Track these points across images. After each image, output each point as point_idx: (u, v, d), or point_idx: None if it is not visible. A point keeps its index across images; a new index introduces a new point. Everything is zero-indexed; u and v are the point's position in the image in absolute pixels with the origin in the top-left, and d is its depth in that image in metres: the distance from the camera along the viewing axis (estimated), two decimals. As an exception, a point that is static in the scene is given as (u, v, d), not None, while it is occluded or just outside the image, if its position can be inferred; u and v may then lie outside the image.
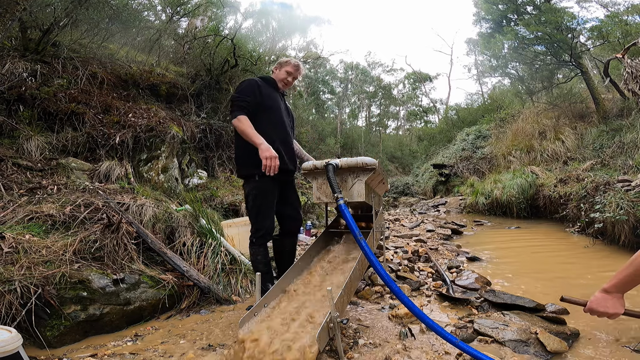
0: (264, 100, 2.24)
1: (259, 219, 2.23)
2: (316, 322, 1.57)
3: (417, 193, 13.67)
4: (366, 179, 1.90)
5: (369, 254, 1.59)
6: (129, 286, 2.21)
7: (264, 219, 2.21)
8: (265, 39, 11.17)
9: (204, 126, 5.68)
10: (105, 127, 3.99)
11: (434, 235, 4.85)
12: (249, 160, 2.20)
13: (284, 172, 2.22)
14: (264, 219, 2.21)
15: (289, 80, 2.43)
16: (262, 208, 2.21)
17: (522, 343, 1.63)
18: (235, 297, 2.54)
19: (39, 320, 1.82)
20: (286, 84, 2.43)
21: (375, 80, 27.12)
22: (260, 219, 2.23)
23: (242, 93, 2.22)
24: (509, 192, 6.58)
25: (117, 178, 3.55)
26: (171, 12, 7.40)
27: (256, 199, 2.20)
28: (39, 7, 4.16)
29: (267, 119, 2.22)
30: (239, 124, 2.11)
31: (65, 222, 2.50)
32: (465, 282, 2.53)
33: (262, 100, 2.23)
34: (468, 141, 12.00)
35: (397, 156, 22.23)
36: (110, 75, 4.90)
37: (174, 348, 1.80)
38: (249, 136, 2.08)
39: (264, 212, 2.21)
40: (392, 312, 2.05)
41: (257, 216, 2.23)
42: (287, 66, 2.43)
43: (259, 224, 2.22)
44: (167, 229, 2.96)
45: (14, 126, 3.51)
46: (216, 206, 4.26)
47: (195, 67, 6.70)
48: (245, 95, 2.20)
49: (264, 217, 2.21)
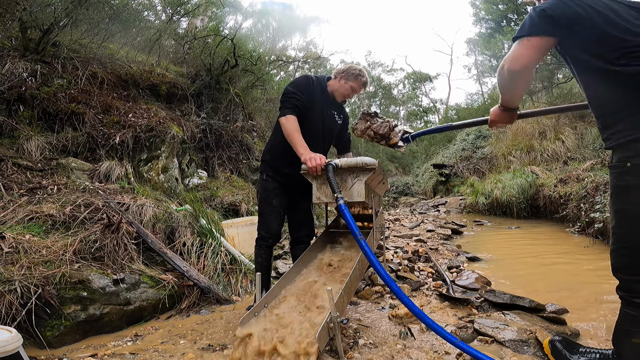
0: (308, 105, 2.08)
1: (260, 218, 2.26)
2: (316, 322, 1.57)
3: (417, 193, 13.67)
4: (366, 179, 1.90)
5: (369, 254, 1.59)
6: (129, 286, 2.21)
7: (267, 220, 2.21)
8: (266, 38, 11.17)
9: (204, 126, 5.68)
10: (105, 127, 3.99)
11: (434, 235, 4.85)
12: (268, 156, 2.23)
13: (292, 179, 2.19)
14: (266, 221, 2.21)
15: (350, 95, 2.20)
16: (266, 209, 2.21)
17: (522, 343, 1.63)
18: (235, 297, 2.54)
19: (39, 320, 1.82)
20: (345, 97, 2.20)
21: (375, 80, 27.12)
22: (262, 220, 2.24)
23: (298, 89, 2.05)
24: (509, 192, 6.58)
25: (117, 178, 3.55)
26: (171, 12, 7.40)
27: (261, 198, 2.25)
28: (39, 7, 4.16)
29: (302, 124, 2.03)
30: (286, 124, 1.97)
31: (65, 222, 2.50)
32: (465, 282, 2.53)
33: (308, 103, 2.08)
34: (468, 141, 12.00)
35: (397, 156, 22.21)
36: (110, 75, 4.90)
37: (174, 348, 1.80)
38: (294, 142, 1.93)
39: (267, 213, 2.20)
40: (392, 312, 2.04)
41: (260, 216, 2.25)
42: (356, 82, 2.15)
43: (262, 224, 2.23)
44: (167, 229, 2.96)
45: (14, 126, 3.51)
46: (216, 206, 4.26)
47: (195, 67, 6.70)
48: (301, 92, 2.05)
49: (267, 219, 2.21)
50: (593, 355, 1.45)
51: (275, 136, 2.20)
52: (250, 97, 7.45)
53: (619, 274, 1.34)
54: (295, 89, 2.07)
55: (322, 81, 2.21)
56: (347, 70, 2.16)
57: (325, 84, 2.21)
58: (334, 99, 2.23)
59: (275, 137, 2.22)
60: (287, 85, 2.15)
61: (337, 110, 2.31)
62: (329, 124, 2.24)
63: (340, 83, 2.16)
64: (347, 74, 2.15)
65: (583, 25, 1.25)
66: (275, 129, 2.24)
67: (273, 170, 2.21)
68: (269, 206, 2.20)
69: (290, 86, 2.11)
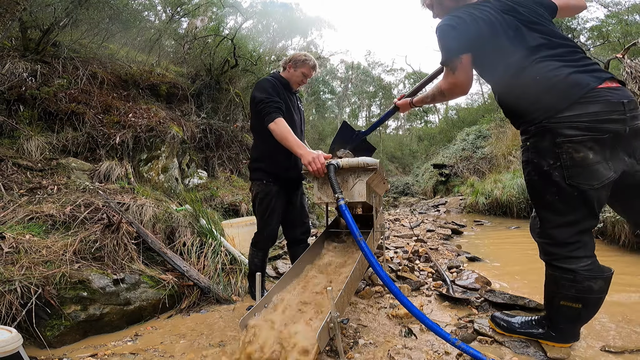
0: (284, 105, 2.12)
1: (261, 223, 2.26)
2: (316, 322, 1.57)
3: (417, 193, 13.68)
4: (367, 179, 1.90)
5: (368, 254, 1.59)
6: (129, 286, 2.21)
7: (266, 224, 2.23)
8: (266, 39, 11.17)
9: (204, 126, 5.68)
10: (105, 127, 3.99)
11: (434, 235, 4.85)
12: (262, 164, 2.21)
13: (291, 180, 2.24)
14: (266, 224, 2.23)
15: (304, 81, 2.27)
16: (265, 212, 2.22)
17: (522, 343, 1.63)
18: (235, 297, 2.54)
19: (39, 320, 1.82)
20: (299, 84, 2.28)
21: (376, 80, 27.13)
22: (261, 223, 2.26)
23: (270, 93, 2.06)
24: (509, 192, 6.58)
25: (117, 178, 3.55)
26: (171, 12, 7.41)
27: (261, 203, 2.21)
28: (39, 7, 4.16)
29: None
30: (277, 128, 1.95)
31: (66, 222, 2.50)
32: (465, 282, 2.53)
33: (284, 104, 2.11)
34: (468, 141, 12.01)
35: (397, 156, 22.23)
36: (110, 75, 4.90)
37: (174, 348, 1.80)
38: (289, 144, 1.92)
39: (267, 217, 2.22)
40: (392, 311, 2.05)
41: (259, 220, 2.26)
42: (304, 67, 2.23)
43: (261, 227, 2.26)
44: (167, 229, 2.96)
45: (14, 126, 3.51)
46: (216, 206, 4.26)
47: (195, 67, 6.70)
48: (272, 95, 2.06)
49: (267, 222, 2.23)
50: (529, 322, 1.67)
51: (265, 143, 2.15)
52: (250, 97, 7.43)
53: (538, 239, 1.55)
54: (266, 93, 2.07)
55: (280, 78, 2.25)
56: (294, 58, 2.24)
57: (283, 79, 2.25)
58: (292, 90, 2.30)
59: (264, 144, 2.17)
60: (254, 93, 2.12)
61: (298, 99, 2.40)
62: (300, 116, 2.33)
63: (291, 72, 2.24)
64: (294, 62, 2.23)
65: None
66: (261, 137, 2.18)
67: (271, 176, 2.20)
68: (270, 210, 2.21)
69: (260, 93, 2.08)
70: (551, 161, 1.37)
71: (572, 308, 1.45)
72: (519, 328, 1.67)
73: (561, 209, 1.41)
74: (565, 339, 1.57)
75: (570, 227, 1.41)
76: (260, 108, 2.04)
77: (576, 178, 1.34)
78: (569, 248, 1.42)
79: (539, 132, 1.39)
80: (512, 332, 1.68)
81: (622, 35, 8.44)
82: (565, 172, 1.34)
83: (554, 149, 1.35)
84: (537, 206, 1.52)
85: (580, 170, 1.33)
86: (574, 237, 1.42)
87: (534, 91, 1.39)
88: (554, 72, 1.36)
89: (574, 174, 1.34)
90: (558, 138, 1.34)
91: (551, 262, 1.48)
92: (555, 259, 1.46)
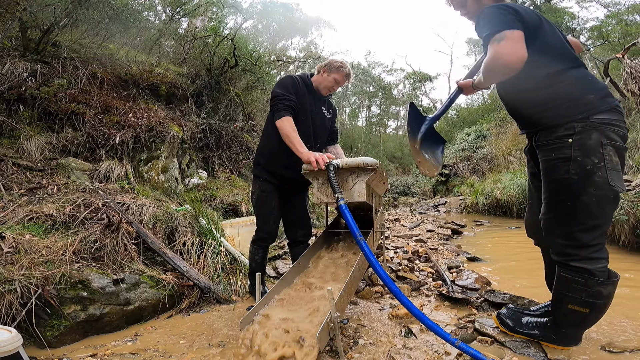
0: (299, 105, 2.09)
1: (259, 220, 2.30)
2: (316, 322, 1.57)
3: (417, 193, 13.68)
4: (367, 179, 1.90)
5: (368, 254, 1.59)
6: (129, 286, 2.21)
7: (264, 221, 2.26)
8: (266, 39, 11.17)
9: (204, 126, 5.68)
10: (105, 127, 3.99)
11: (434, 235, 4.85)
12: (261, 159, 2.23)
13: (290, 180, 2.23)
14: (263, 221, 2.26)
15: (335, 88, 2.21)
16: (262, 209, 2.25)
17: (522, 343, 1.63)
18: (235, 297, 2.54)
19: (39, 320, 1.82)
20: (330, 90, 2.21)
21: (376, 80, 27.13)
22: (259, 220, 2.29)
23: (287, 90, 2.04)
24: (509, 192, 6.58)
25: (117, 178, 3.55)
26: (171, 12, 7.41)
27: (258, 199, 2.25)
28: (39, 7, 4.15)
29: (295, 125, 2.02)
30: (282, 126, 1.95)
31: (65, 222, 2.50)
32: (465, 282, 2.53)
33: (299, 103, 2.08)
34: (468, 141, 12.01)
35: (397, 156, 22.24)
36: (110, 75, 4.90)
37: (174, 348, 1.80)
38: (292, 143, 1.92)
39: (264, 213, 2.25)
40: (392, 311, 2.04)
41: (257, 216, 2.30)
42: (338, 73, 2.16)
43: (259, 224, 2.29)
44: (167, 229, 2.96)
45: (14, 126, 3.51)
46: (216, 206, 4.26)
47: (195, 67, 6.71)
48: (290, 93, 2.04)
49: (264, 219, 2.26)
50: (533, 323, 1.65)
51: (269, 139, 2.17)
52: (250, 97, 7.45)
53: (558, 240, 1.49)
54: (284, 90, 2.06)
55: (306, 79, 2.21)
56: (329, 63, 2.20)
57: (309, 80, 2.22)
58: (320, 94, 2.25)
59: (268, 140, 2.19)
60: (274, 88, 2.12)
61: (325, 105, 2.34)
62: (320, 121, 2.26)
63: (324, 76, 2.19)
64: (329, 67, 2.18)
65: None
66: (266, 133, 2.21)
67: (269, 173, 2.21)
68: (267, 207, 2.23)
69: (278, 88, 2.07)
70: (596, 160, 1.37)
71: (580, 313, 1.44)
72: (521, 328, 1.67)
73: (594, 211, 1.40)
74: (567, 343, 1.56)
75: (597, 230, 1.41)
76: (273, 103, 2.06)
77: (616, 180, 1.37)
78: (590, 250, 1.42)
79: (586, 129, 1.38)
80: (514, 331, 1.68)
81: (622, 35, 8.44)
82: (608, 173, 1.36)
83: (599, 148, 1.37)
84: (567, 207, 1.44)
85: (617, 173, 1.38)
86: (597, 239, 1.42)
87: (579, 89, 1.42)
88: (594, 78, 1.46)
89: (615, 177, 1.37)
90: (604, 139, 1.37)
91: (568, 262, 1.45)
92: (573, 259, 1.44)
